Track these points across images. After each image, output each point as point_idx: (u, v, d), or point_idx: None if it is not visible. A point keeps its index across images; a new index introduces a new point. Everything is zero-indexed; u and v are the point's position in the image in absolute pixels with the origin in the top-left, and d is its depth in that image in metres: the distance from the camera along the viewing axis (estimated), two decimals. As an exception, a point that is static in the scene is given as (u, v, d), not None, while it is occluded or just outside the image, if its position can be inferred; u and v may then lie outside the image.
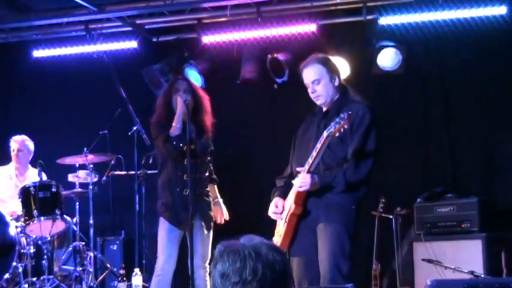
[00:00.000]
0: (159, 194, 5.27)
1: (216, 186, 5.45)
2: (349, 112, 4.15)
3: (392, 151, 6.63)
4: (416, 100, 7.15)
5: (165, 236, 5.14)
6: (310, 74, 4.54)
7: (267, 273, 2.01)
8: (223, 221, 5.40)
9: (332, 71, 4.57)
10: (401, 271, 6.25)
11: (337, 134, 4.18)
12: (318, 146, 4.26)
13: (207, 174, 5.31)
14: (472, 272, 5.54)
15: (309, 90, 4.56)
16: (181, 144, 5.05)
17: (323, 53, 4.89)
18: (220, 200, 5.44)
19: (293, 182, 4.46)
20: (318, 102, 4.58)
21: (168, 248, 5.12)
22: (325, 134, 4.21)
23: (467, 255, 5.91)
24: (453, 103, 7.02)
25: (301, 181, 4.35)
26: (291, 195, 4.49)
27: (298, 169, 4.42)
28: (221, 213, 5.40)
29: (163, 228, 5.17)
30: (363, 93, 4.77)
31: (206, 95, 5.40)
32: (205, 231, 5.19)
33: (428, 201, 6.33)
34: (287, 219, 4.45)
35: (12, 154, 7.12)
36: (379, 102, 6.31)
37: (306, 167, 4.33)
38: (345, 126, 4.15)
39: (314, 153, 4.29)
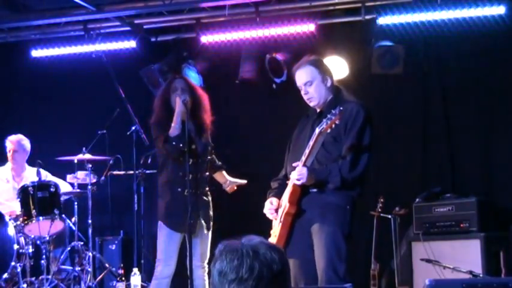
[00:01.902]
0: (160, 194, 5.24)
1: (224, 171, 5.47)
2: (341, 108, 4.16)
3: (391, 151, 6.64)
4: (415, 100, 7.16)
5: (165, 240, 5.11)
6: (302, 76, 4.56)
7: (264, 272, 2.01)
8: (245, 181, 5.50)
9: (324, 72, 4.58)
10: (400, 271, 6.26)
11: (328, 130, 4.19)
12: (311, 143, 4.28)
13: (207, 173, 5.30)
14: (470, 272, 5.55)
15: (302, 93, 4.58)
16: (180, 145, 5.03)
17: (321, 53, 4.90)
18: (233, 179, 5.50)
19: (290, 175, 4.45)
20: (311, 104, 4.59)
21: (168, 253, 5.10)
22: (317, 130, 4.23)
23: (466, 255, 5.91)
24: (452, 103, 7.02)
25: (298, 173, 4.35)
26: (286, 195, 4.49)
27: (293, 164, 4.42)
28: (239, 183, 5.49)
29: (163, 233, 5.14)
30: (362, 92, 4.78)
31: (204, 93, 5.39)
32: (205, 231, 5.18)
33: (427, 201, 6.33)
34: (282, 219, 4.45)
35: (8, 154, 7.07)
36: (378, 102, 6.33)
37: (300, 164, 4.34)
38: (336, 122, 4.16)
39: (307, 151, 4.31)
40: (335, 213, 4.35)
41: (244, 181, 5.51)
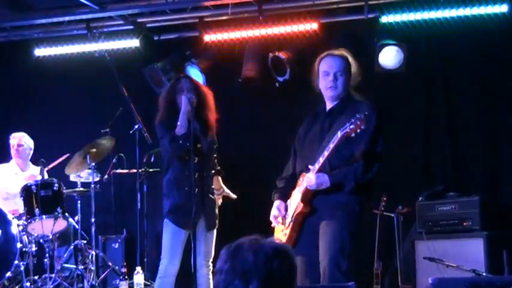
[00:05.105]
0: (165, 192, 5.21)
1: (220, 177, 5.45)
2: (366, 113, 4.15)
3: (394, 149, 6.61)
4: (418, 98, 7.16)
5: (170, 238, 5.10)
6: (338, 63, 4.55)
7: (263, 272, 2.02)
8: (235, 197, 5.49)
9: (354, 72, 4.63)
10: (403, 269, 6.25)
11: (352, 135, 4.17)
12: (331, 145, 4.24)
13: (213, 171, 5.30)
14: (473, 271, 5.54)
15: (329, 78, 4.52)
16: (187, 144, 5.02)
17: (324, 52, 4.88)
18: (227, 190, 5.48)
19: (300, 179, 4.46)
20: (329, 93, 4.55)
21: (173, 251, 5.09)
22: (339, 134, 4.19)
23: (469, 254, 5.90)
24: (455, 101, 7.02)
25: (307, 180, 4.35)
26: (296, 194, 4.49)
27: (310, 167, 4.40)
28: (230, 196, 5.49)
29: (169, 230, 5.12)
30: (365, 91, 4.77)
31: (209, 91, 5.38)
32: (210, 230, 5.17)
33: (430, 200, 6.32)
34: (293, 218, 4.45)
35: (12, 150, 7.12)
36: (381, 101, 6.30)
37: (317, 166, 4.33)
38: (362, 127, 4.14)
39: (326, 153, 4.28)
40: (343, 212, 4.36)
41: (234, 196, 5.50)
